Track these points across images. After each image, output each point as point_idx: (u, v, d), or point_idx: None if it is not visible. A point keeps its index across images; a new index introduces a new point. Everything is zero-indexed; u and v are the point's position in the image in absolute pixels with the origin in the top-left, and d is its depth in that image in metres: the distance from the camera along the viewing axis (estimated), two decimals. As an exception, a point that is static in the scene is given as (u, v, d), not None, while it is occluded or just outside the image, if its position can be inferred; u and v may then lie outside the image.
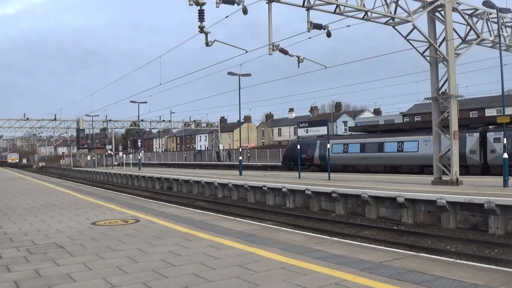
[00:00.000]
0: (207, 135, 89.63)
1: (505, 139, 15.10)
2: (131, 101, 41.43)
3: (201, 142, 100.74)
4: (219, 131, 67.78)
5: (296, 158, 26.46)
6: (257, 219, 13.65)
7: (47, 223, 9.05)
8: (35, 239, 7.29)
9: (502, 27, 17.28)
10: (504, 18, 17.32)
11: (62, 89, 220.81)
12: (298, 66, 15.59)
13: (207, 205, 19.14)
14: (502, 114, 15.49)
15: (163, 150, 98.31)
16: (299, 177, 21.86)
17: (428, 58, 16.26)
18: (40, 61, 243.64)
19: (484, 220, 11.37)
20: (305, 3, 13.50)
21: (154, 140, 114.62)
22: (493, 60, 19.83)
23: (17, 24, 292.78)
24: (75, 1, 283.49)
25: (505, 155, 14.65)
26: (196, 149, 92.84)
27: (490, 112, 50.00)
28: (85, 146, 53.94)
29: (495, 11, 15.85)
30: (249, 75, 28.80)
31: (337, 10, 13.85)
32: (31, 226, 8.62)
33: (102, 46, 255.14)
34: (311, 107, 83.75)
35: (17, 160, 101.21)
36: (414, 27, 15.15)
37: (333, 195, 15.29)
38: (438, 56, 15.93)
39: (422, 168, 24.43)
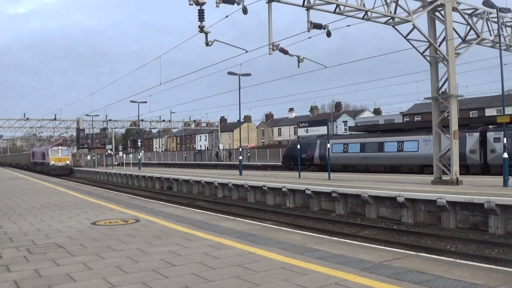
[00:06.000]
0: (207, 135, 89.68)
1: (505, 139, 15.11)
2: (131, 101, 41.49)
3: (201, 142, 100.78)
4: (219, 131, 67.78)
5: (296, 158, 26.46)
6: (257, 219, 13.65)
7: (47, 223, 9.04)
8: (35, 239, 7.28)
9: (502, 26, 17.27)
10: (504, 17, 17.31)
11: (67, 88, 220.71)
12: (298, 66, 15.61)
13: (207, 205, 19.14)
14: (502, 113, 15.49)
15: (163, 150, 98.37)
16: (299, 177, 21.86)
17: (428, 58, 16.26)
18: (48, 61, 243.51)
19: (484, 220, 11.37)
20: (305, 3, 13.50)
21: (154, 140, 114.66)
22: (493, 60, 19.85)
23: (28, 24, 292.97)
24: (86, 1, 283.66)
25: (505, 155, 14.66)
26: (196, 149, 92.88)
27: (490, 112, 50.02)
28: (85, 146, 53.91)
29: (495, 10, 15.86)
30: (249, 74, 28.79)
31: (337, 10, 13.85)
32: (31, 226, 8.62)
33: (110, 46, 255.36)
34: (311, 107, 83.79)
35: (69, 162, 51.58)
36: (414, 27, 15.16)
37: (333, 194, 15.29)
38: (438, 55, 15.93)
39: (422, 168, 24.42)
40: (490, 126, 23.28)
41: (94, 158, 53.79)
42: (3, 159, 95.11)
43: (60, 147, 52.09)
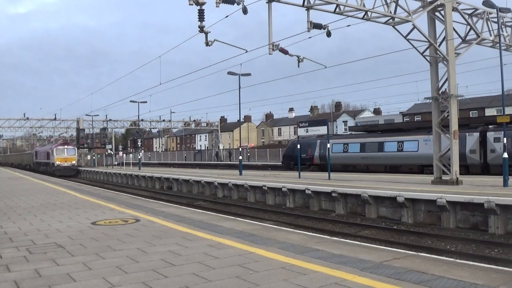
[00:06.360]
0: (207, 134, 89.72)
1: (505, 139, 15.11)
2: (131, 101, 41.49)
3: (201, 142, 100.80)
4: (219, 130, 67.79)
5: (296, 158, 26.47)
6: (257, 219, 13.65)
7: (47, 222, 9.05)
8: (35, 238, 7.28)
9: (502, 26, 17.27)
10: (504, 17, 17.31)
11: (68, 88, 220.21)
12: (298, 66, 15.61)
13: (207, 204, 19.13)
14: (502, 113, 15.49)
15: (163, 150, 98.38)
16: (299, 177, 21.86)
17: (428, 58, 16.26)
18: (48, 61, 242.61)
19: (484, 220, 11.37)
20: (305, 3, 13.50)
21: (154, 139, 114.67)
22: (493, 60, 19.86)
23: (28, 24, 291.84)
24: (87, 1, 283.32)
25: (505, 155, 14.66)
26: (196, 148, 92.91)
27: (490, 112, 50.04)
28: (85, 146, 53.86)
29: (495, 10, 15.85)
30: (249, 74, 28.77)
31: (337, 9, 13.85)
32: (31, 226, 8.62)
33: (110, 46, 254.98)
34: (311, 106, 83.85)
35: (75, 162, 48.67)
36: (414, 27, 15.15)
37: (333, 194, 15.29)
38: (438, 55, 15.93)
39: (422, 167, 24.42)
40: (490, 126, 23.27)
41: (94, 158, 53.79)
42: (4, 159, 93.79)
43: (65, 146, 48.88)
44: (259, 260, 5.58)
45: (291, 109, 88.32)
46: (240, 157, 29.90)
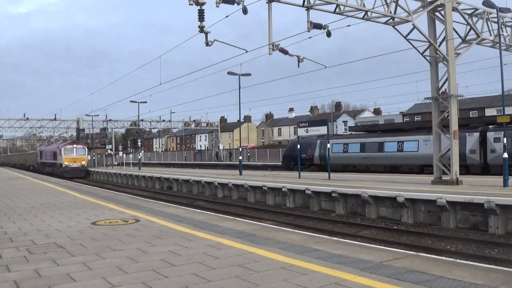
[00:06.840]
0: (207, 135, 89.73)
1: (505, 139, 15.10)
2: (131, 101, 41.48)
3: (201, 142, 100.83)
4: (219, 131, 67.79)
5: (296, 158, 26.47)
6: (257, 219, 13.65)
7: (47, 223, 9.05)
8: (35, 239, 7.28)
9: (502, 26, 17.27)
10: (504, 17, 17.31)
11: (68, 88, 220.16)
12: (298, 66, 15.61)
13: (207, 204, 19.13)
14: (502, 113, 15.49)
15: (163, 150, 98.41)
16: (299, 177, 21.86)
17: (428, 58, 16.26)
18: (49, 61, 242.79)
19: (484, 220, 11.37)
20: (305, 3, 13.50)
21: (154, 140, 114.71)
22: (493, 60, 19.87)
23: (29, 24, 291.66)
24: (87, 1, 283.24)
25: (505, 155, 14.65)
26: (196, 149, 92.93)
27: (490, 112, 50.04)
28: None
29: (495, 10, 15.86)
30: (249, 74, 28.78)
31: (337, 9, 13.85)
32: (31, 226, 8.62)
33: (110, 46, 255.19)
34: (311, 107, 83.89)
35: (85, 163, 45.17)
36: (414, 27, 15.16)
37: (333, 194, 15.29)
38: (438, 55, 15.93)
39: (422, 167, 24.42)
40: (490, 126, 23.27)
41: (94, 158, 53.77)
42: (6, 159, 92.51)
43: (74, 146, 45.07)
44: (259, 260, 5.58)
45: (291, 109, 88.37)
46: (240, 157, 29.92)
